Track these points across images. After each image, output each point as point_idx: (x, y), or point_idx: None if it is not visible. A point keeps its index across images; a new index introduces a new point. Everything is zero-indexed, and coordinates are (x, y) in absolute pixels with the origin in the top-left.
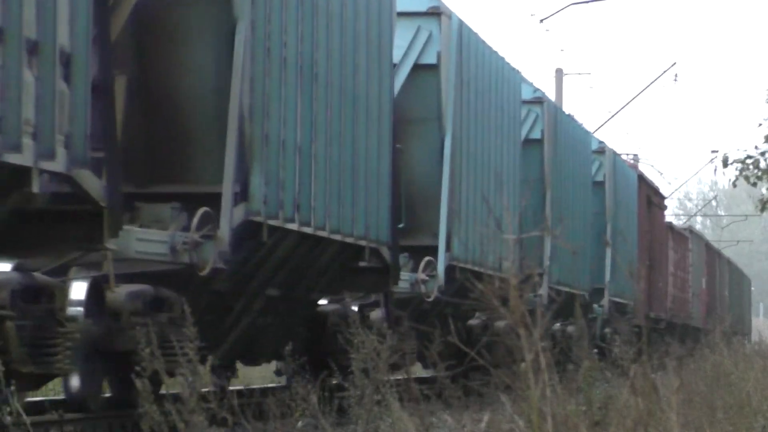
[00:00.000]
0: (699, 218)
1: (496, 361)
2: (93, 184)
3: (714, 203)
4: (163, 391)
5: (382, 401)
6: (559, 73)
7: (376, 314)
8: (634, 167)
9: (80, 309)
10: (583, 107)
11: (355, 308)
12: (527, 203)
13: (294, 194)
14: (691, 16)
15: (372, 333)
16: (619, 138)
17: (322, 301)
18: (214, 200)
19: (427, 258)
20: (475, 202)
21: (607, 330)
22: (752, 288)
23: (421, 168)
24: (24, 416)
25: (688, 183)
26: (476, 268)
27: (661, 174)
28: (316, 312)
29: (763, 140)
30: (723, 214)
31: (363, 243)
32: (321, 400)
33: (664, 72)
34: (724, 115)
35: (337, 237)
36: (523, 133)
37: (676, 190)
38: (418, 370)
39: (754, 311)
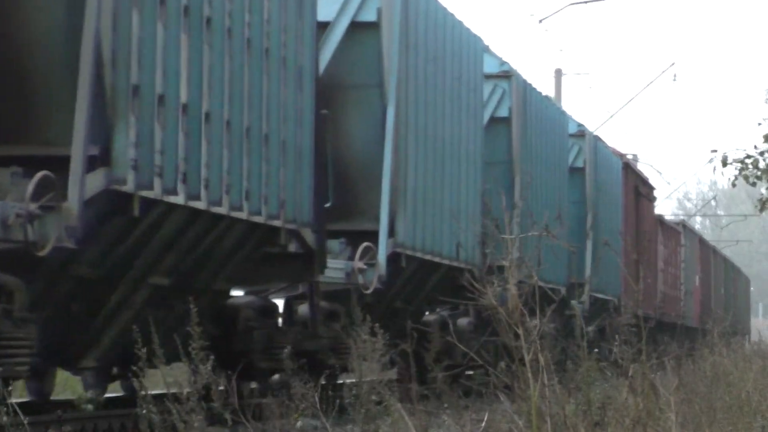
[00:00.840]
0: (698, 218)
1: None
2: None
3: (713, 203)
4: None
5: (381, 402)
6: (558, 73)
7: (305, 308)
8: (620, 155)
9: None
10: (582, 107)
11: (280, 301)
12: (491, 187)
13: (176, 160)
14: (690, 16)
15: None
16: (618, 138)
17: (237, 293)
18: (66, 164)
19: (365, 244)
20: (425, 181)
21: (590, 329)
22: (752, 288)
23: (359, 140)
24: (21, 416)
25: (687, 183)
26: (426, 257)
27: (660, 174)
28: (225, 305)
29: (763, 140)
30: (722, 214)
31: (277, 223)
32: (323, 399)
33: (663, 72)
34: (723, 115)
35: (241, 215)
36: (489, 110)
37: (675, 190)
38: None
39: (753, 311)
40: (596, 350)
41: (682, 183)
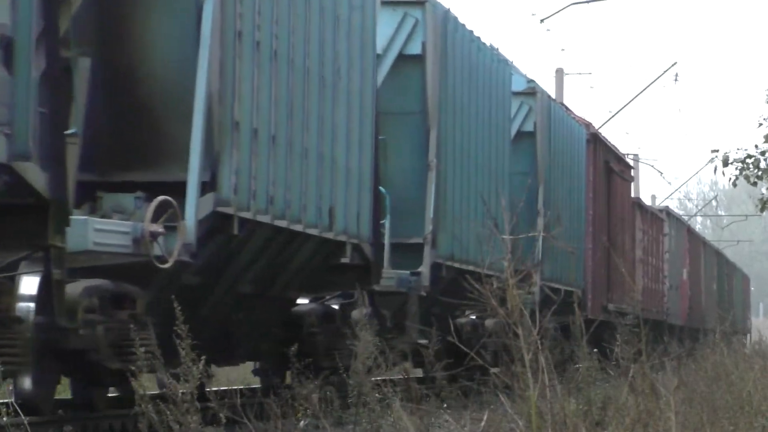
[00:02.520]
0: (699, 218)
1: (491, 362)
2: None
3: (714, 203)
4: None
5: (383, 400)
6: (560, 72)
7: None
8: (587, 124)
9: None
10: (584, 107)
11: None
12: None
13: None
14: (691, 16)
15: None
16: (619, 138)
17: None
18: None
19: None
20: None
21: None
22: (752, 288)
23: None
24: (22, 416)
25: (688, 183)
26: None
27: (661, 174)
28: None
29: (763, 140)
30: (723, 214)
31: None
32: (323, 400)
33: (665, 72)
34: (725, 115)
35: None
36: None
37: (677, 190)
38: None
39: (753, 311)
40: (596, 350)
41: (683, 183)
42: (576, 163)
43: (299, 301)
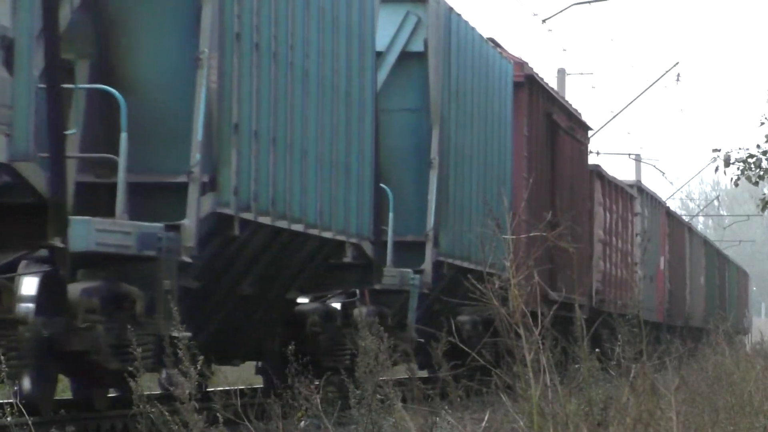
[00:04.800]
0: (701, 218)
1: (492, 361)
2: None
3: (716, 203)
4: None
5: (385, 401)
6: (562, 72)
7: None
8: (521, 63)
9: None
10: (586, 107)
11: (338, 306)
12: None
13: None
14: (693, 17)
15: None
16: (621, 138)
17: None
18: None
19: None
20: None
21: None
22: (754, 288)
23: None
24: (26, 416)
25: (690, 183)
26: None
27: (663, 174)
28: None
29: (765, 139)
30: (725, 214)
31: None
32: (325, 400)
33: (667, 72)
34: (726, 115)
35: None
36: None
37: (679, 190)
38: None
39: (755, 311)
40: (597, 350)
41: (686, 183)
42: (497, 107)
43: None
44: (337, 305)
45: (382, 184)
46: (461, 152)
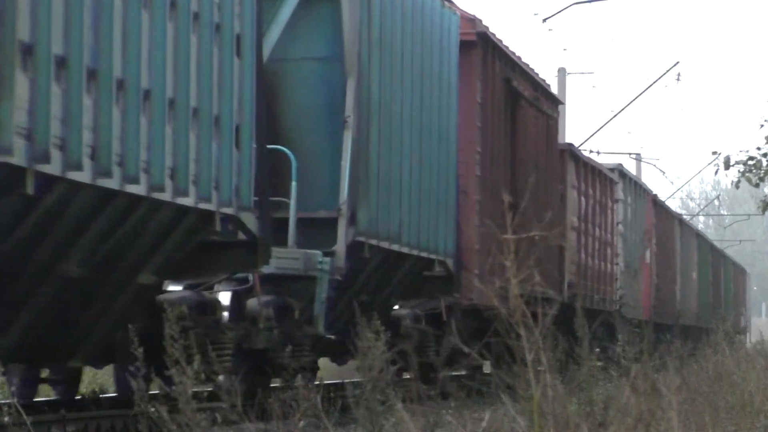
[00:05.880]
0: (701, 218)
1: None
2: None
3: (716, 203)
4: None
5: (385, 401)
6: (562, 72)
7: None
8: (473, 19)
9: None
10: (586, 106)
11: (224, 295)
12: None
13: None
14: (694, 16)
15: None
16: (621, 137)
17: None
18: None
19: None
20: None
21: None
22: (754, 287)
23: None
24: (24, 415)
25: (690, 183)
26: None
27: (664, 173)
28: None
29: (765, 141)
30: (725, 213)
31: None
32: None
33: (667, 71)
34: (727, 115)
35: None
36: None
37: (679, 189)
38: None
39: (755, 311)
40: (598, 349)
41: (686, 183)
42: (438, 65)
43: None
44: (226, 294)
45: (281, 147)
46: (387, 113)
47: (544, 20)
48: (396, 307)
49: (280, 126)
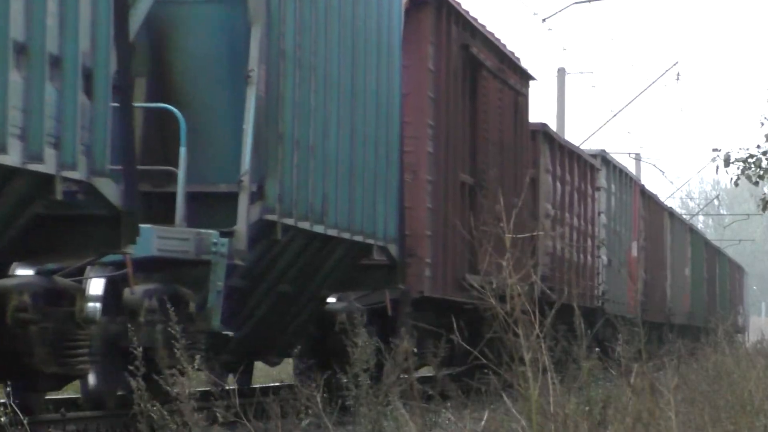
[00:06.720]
0: (701, 217)
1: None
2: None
3: (716, 202)
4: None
5: (385, 400)
6: (561, 72)
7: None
8: None
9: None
10: (585, 106)
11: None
12: None
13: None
14: (693, 16)
15: None
16: (620, 137)
17: (24, 271)
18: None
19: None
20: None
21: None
22: (754, 287)
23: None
24: (20, 415)
25: (690, 182)
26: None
27: (663, 173)
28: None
29: (765, 139)
30: (725, 213)
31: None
32: (325, 399)
33: (667, 71)
34: (726, 114)
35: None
36: None
37: (678, 189)
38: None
39: (755, 310)
40: (598, 349)
41: (686, 182)
42: (375, 20)
43: (19, 272)
44: (100, 282)
45: (167, 105)
46: (307, 71)
47: (544, 20)
48: (332, 300)
49: (172, 81)
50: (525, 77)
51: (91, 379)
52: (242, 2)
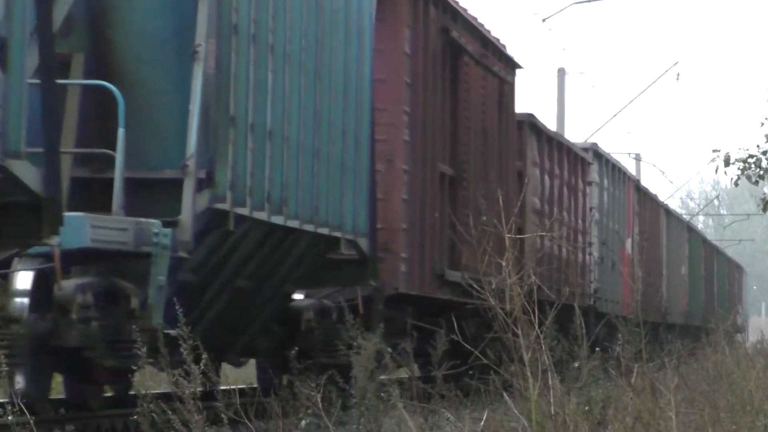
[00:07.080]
0: (701, 217)
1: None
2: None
3: (716, 202)
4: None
5: (384, 400)
6: (561, 72)
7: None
8: None
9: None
10: (585, 106)
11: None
12: None
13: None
14: (693, 16)
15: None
16: (620, 137)
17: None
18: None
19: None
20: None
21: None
22: (754, 287)
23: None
24: (27, 415)
25: (690, 182)
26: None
27: (663, 173)
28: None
29: (765, 139)
30: (725, 213)
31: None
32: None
33: (666, 71)
34: (727, 114)
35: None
36: None
37: (678, 189)
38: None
39: (755, 310)
40: (598, 349)
41: (686, 182)
42: (343, 2)
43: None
44: (28, 276)
45: (103, 82)
46: (263, 49)
47: (544, 20)
48: (299, 297)
49: (113, 56)
50: (511, 65)
51: (20, 381)
52: None
